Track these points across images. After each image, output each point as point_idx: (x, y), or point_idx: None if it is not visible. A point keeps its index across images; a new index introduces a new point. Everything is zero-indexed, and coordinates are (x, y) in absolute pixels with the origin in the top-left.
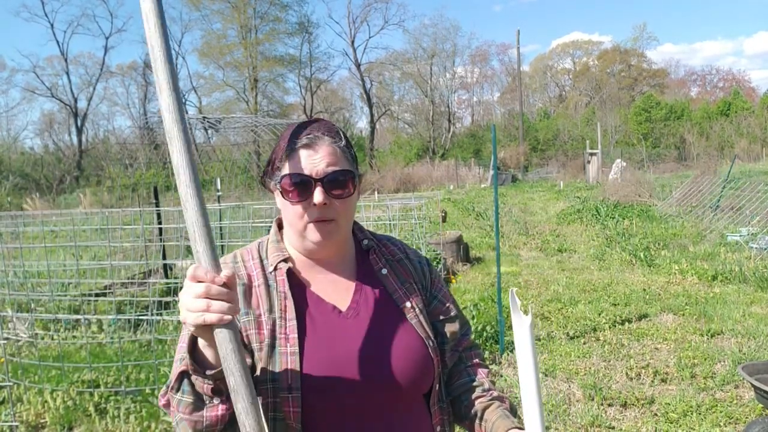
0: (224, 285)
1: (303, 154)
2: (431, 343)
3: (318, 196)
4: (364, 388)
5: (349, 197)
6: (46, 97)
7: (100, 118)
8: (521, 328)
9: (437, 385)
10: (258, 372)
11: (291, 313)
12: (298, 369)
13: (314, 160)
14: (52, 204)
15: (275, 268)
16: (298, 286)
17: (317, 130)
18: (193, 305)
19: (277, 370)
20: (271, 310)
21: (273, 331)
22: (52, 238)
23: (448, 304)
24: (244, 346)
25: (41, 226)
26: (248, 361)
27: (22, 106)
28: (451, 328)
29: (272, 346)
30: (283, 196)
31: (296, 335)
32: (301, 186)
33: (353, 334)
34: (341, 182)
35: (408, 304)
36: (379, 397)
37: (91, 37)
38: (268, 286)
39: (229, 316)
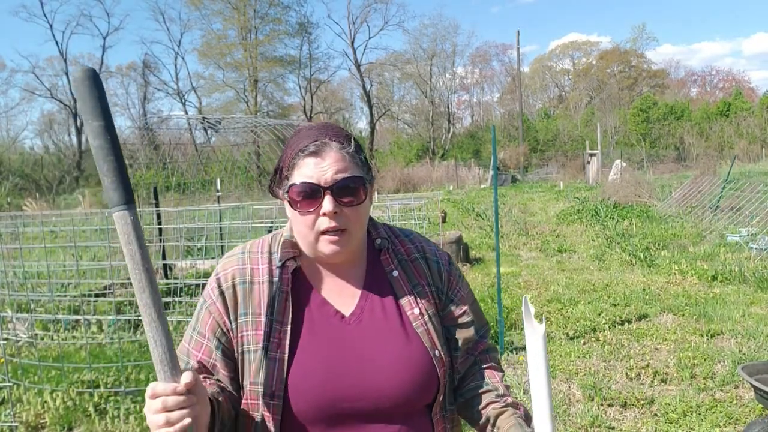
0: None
1: (310, 161)
2: (437, 353)
3: (327, 205)
4: (356, 401)
5: (360, 204)
6: (46, 98)
7: None
8: (534, 337)
9: (441, 396)
10: (251, 374)
11: (288, 316)
12: (284, 376)
13: (322, 167)
14: (52, 204)
15: (283, 265)
16: (303, 287)
17: (324, 136)
18: (153, 421)
19: (265, 374)
20: (270, 311)
21: (269, 333)
22: (51, 239)
23: (464, 308)
24: (232, 348)
25: (41, 226)
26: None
27: (21, 106)
28: (464, 334)
29: (266, 349)
30: (291, 206)
31: (288, 341)
32: (309, 195)
33: (352, 342)
34: (351, 189)
35: (416, 311)
36: (373, 409)
37: (90, 37)
38: (271, 284)
39: (188, 420)
